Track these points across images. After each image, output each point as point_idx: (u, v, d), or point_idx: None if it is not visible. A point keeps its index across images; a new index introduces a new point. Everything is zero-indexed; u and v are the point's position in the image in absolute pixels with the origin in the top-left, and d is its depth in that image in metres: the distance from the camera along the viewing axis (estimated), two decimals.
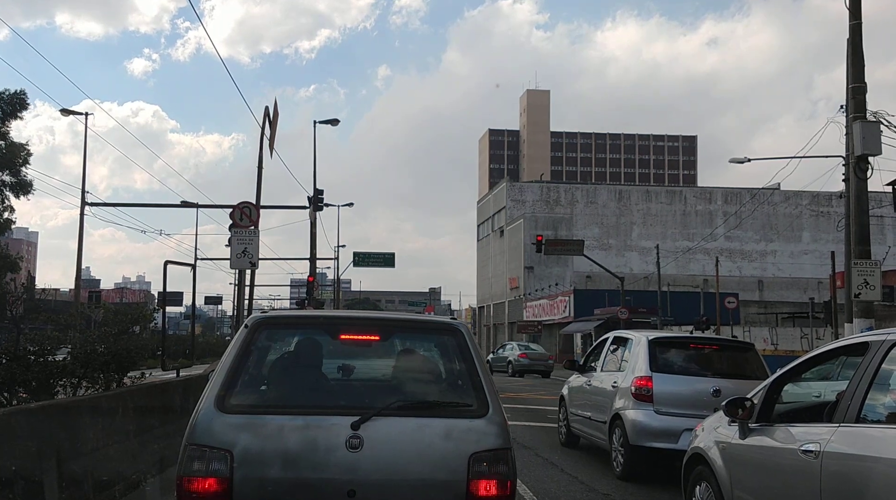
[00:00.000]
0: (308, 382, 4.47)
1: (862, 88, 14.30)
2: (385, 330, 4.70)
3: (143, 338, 10.76)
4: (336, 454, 3.89)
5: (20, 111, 34.80)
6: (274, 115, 19.83)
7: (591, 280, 58.94)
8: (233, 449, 3.87)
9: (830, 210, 66.42)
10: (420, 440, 3.98)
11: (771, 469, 4.84)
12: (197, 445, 3.90)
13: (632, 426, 9.06)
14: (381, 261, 52.89)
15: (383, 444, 3.94)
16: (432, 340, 4.77)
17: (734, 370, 9.55)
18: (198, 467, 3.87)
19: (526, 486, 8.26)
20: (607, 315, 43.44)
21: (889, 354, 4.20)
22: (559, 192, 71.81)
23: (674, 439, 8.74)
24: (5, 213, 36.62)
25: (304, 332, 4.78)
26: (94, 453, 6.89)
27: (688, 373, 9.50)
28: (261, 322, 4.46)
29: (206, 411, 3.99)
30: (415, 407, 4.14)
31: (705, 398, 8.80)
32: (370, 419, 3.96)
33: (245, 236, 16.16)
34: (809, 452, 4.34)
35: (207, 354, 43.30)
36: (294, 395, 4.32)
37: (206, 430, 3.92)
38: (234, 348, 4.28)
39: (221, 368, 4.21)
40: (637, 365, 9.46)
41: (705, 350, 10.14)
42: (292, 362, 4.62)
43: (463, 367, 4.35)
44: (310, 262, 35.22)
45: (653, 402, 9.07)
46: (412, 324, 4.90)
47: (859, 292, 14.10)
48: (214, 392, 4.06)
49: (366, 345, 4.72)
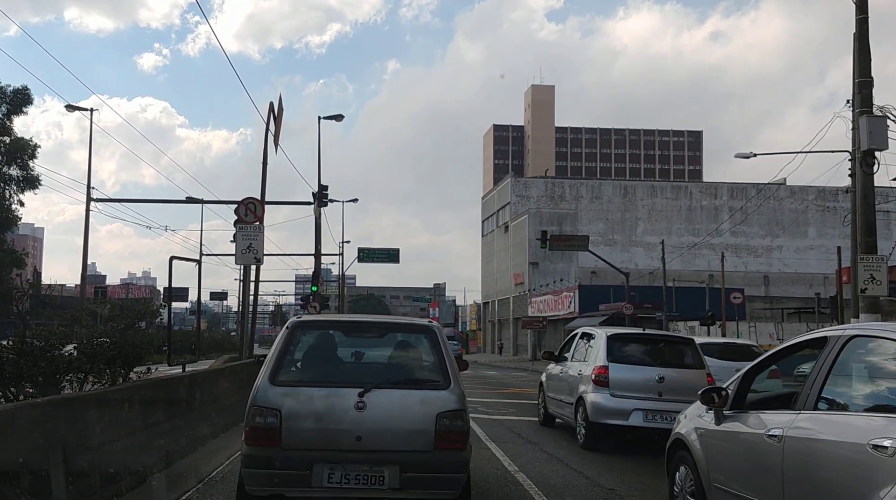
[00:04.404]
0: (329, 365, 6.46)
1: (868, 83, 14.25)
2: (382, 330, 6.92)
3: (148, 333, 10.77)
4: (348, 413, 5.71)
5: (24, 106, 34.92)
6: (279, 110, 19.83)
7: (596, 276, 58.84)
8: (281, 409, 5.70)
9: (837, 205, 66.18)
10: (404, 404, 5.83)
11: (741, 453, 5.28)
12: (257, 406, 5.75)
13: (591, 407, 10.83)
14: (386, 257, 52.87)
15: (379, 406, 5.76)
16: (414, 336, 6.63)
17: (676, 361, 11.27)
18: (258, 420, 5.71)
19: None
20: (612, 311, 43.38)
21: (844, 348, 4.62)
22: (564, 187, 71.69)
23: (625, 416, 10.58)
24: (12, 208, 36.75)
25: (329, 331, 6.74)
26: (100, 447, 6.91)
27: (638, 363, 11.19)
28: (297, 324, 6.46)
29: (263, 385, 5.83)
30: (401, 383, 6.07)
31: (651, 384, 10.71)
32: (370, 390, 5.80)
33: (250, 232, 16.18)
34: (774, 436, 4.78)
35: (213, 349, 43.30)
36: (320, 374, 6.24)
37: (263, 396, 5.77)
38: (278, 343, 6.19)
39: (271, 356, 6.09)
40: (597, 356, 11.25)
41: (653, 344, 11.84)
42: (318, 352, 6.51)
43: (434, 356, 6.21)
44: (315, 258, 35.26)
45: (609, 387, 10.83)
46: (400, 326, 7.08)
47: (865, 288, 14.07)
48: (268, 372, 5.91)
49: (369, 340, 6.90)
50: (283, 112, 20.26)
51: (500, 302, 75.31)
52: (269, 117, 19.75)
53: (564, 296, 56.26)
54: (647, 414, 10.56)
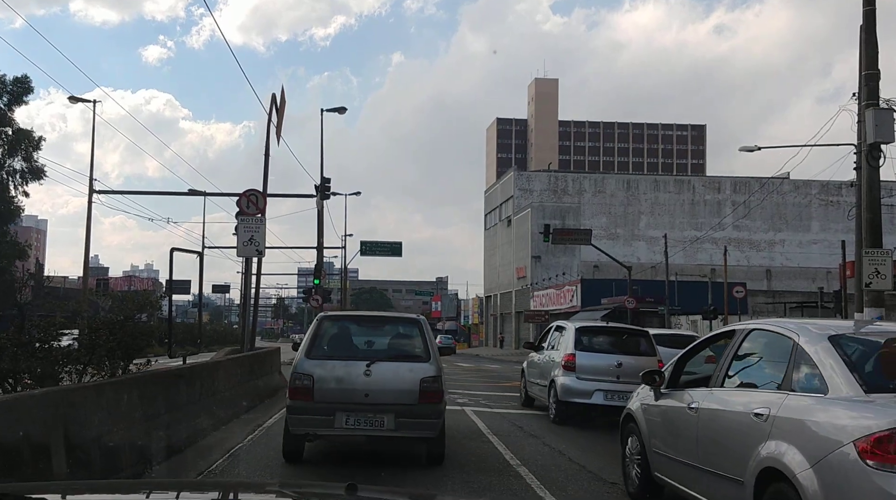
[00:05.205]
0: (346, 345, 8.90)
1: (875, 75, 14.14)
2: (383, 321, 9.90)
3: (149, 325, 10.71)
4: (359, 378, 8.10)
5: (25, 96, 34.77)
6: (281, 102, 19.73)
7: (599, 270, 58.67)
8: (313, 375, 8.16)
9: (840, 199, 65.93)
10: (398, 371, 8.27)
11: (670, 423, 6.49)
12: (297, 373, 8.24)
13: (560, 388, 12.72)
14: (389, 250, 52.76)
15: (381, 373, 8.16)
16: (407, 326, 9.17)
17: (633, 350, 13.04)
18: (298, 382, 8.20)
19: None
20: (614, 305, 43.25)
21: (745, 339, 5.87)
22: (567, 181, 71.49)
23: (588, 396, 12.46)
24: (16, 199, 36.66)
25: (346, 322, 9.43)
26: (99, 439, 6.86)
27: (600, 351, 13.03)
28: (324, 318, 9.11)
29: (301, 359, 8.37)
30: (396, 357, 8.59)
31: (611, 369, 12.56)
32: (374, 362, 8.24)
33: (252, 224, 16.11)
34: (693, 409, 5.99)
35: (215, 342, 43.23)
36: (339, 351, 8.64)
37: (301, 366, 8.26)
38: (311, 330, 8.80)
39: (306, 339, 8.68)
40: (567, 346, 13.11)
41: (614, 336, 13.70)
42: (338, 336, 8.97)
43: (420, 340, 8.67)
44: (317, 250, 35.19)
45: (575, 371, 12.67)
46: (396, 319, 9.94)
47: (870, 282, 13.99)
48: (304, 350, 8.45)
49: (374, 328, 9.67)
50: (285, 104, 20.18)
51: (502, 296, 75.24)
52: (272, 109, 19.66)
53: (567, 290, 56.16)
54: (606, 394, 12.36)
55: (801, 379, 4.96)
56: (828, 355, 4.81)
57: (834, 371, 4.71)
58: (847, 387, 4.57)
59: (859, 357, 4.88)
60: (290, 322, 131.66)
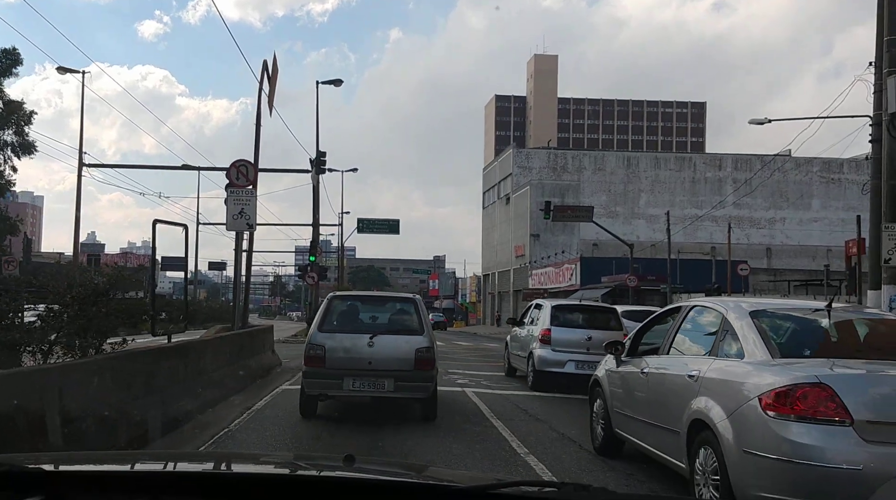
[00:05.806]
0: (352, 320, 10.26)
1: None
2: (384, 300, 11.56)
3: (127, 301, 10.08)
4: (364, 348, 9.45)
5: (14, 68, 33.85)
6: (273, 70, 18.91)
7: (598, 248, 58.00)
8: (325, 345, 9.57)
9: (842, 177, 65.31)
10: (396, 343, 9.62)
11: (627, 385, 7.42)
12: (312, 344, 9.66)
13: (537, 358, 14.24)
14: (386, 228, 52.13)
15: (382, 344, 9.51)
16: (404, 304, 10.54)
17: (602, 325, 14.54)
18: (311, 352, 9.59)
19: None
20: (615, 283, 42.65)
21: (688, 314, 6.86)
22: (566, 159, 70.62)
23: (561, 366, 13.94)
24: (5, 174, 35.78)
25: (352, 301, 11.03)
26: (68, 424, 6.24)
27: (573, 326, 14.57)
28: (334, 297, 10.62)
29: (314, 332, 9.80)
30: (395, 331, 9.92)
31: (582, 342, 14.00)
32: (377, 335, 9.63)
33: (242, 196, 15.42)
34: (644, 373, 6.92)
35: (210, 319, 42.50)
36: (347, 325, 10.01)
37: (315, 338, 9.68)
38: (322, 307, 10.20)
39: (318, 315, 10.07)
40: (544, 321, 14.62)
41: (586, 312, 15.38)
42: (346, 313, 10.37)
43: (415, 316, 9.99)
44: (312, 227, 34.51)
45: (551, 344, 14.14)
46: (395, 298, 11.51)
47: (889, 258, 13.37)
48: (317, 324, 9.88)
49: (376, 306, 11.22)
50: (277, 72, 19.34)
51: (500, 274, 74.67)
52: (263, 77, 18.87)
53: (566, 268, 55.57)
54: (578, 364, 13.68)
55: (726, 347, 5.89)
56: (748, 328, 5.72)
57: (750, 340, 5.62)
58: (760, 353, 5.48)
59: (773, 329, 5.79)
60: (287, 299, 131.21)
